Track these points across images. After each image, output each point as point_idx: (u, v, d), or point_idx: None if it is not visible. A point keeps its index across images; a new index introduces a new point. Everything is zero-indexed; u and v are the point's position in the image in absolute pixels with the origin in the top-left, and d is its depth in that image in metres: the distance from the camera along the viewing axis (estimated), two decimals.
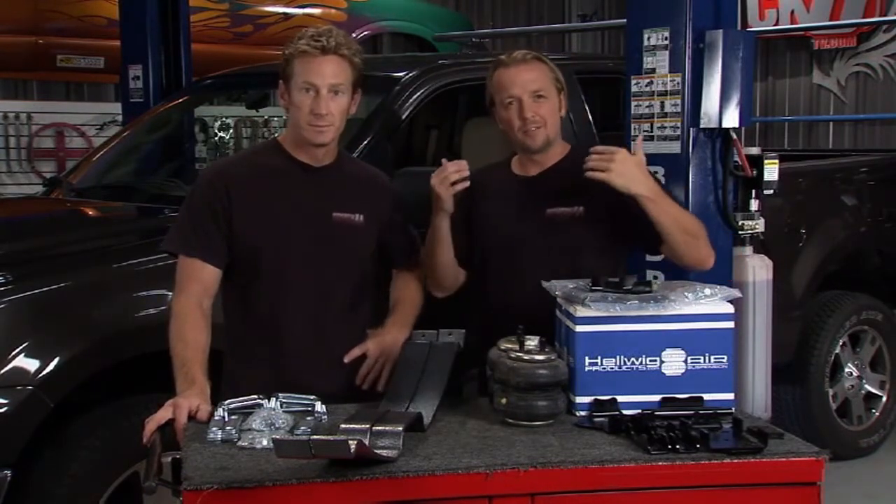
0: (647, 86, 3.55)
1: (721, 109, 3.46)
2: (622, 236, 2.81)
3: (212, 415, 2.30)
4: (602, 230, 2.78)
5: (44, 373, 2.94)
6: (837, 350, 4.93)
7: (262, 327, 2.63)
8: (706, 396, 2.38)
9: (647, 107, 3.56)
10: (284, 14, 8.00)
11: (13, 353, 2.95)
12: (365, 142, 3.71)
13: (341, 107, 2.60)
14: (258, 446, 2.17)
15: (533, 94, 2.80)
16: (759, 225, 3.72)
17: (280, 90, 2.65)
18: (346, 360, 2.65)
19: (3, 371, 2.92)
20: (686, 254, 2.73)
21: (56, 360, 2.98)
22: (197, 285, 2.56)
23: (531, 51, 2.91)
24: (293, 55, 2.57)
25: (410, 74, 3.99)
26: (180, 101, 5.12)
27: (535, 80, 2.81)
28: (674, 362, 2.37)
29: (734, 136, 3.56)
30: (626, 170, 2.62)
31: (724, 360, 2.38)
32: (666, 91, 3.51)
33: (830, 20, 8.56)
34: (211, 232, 2.59)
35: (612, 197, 2.72)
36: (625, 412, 2.33)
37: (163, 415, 2.31)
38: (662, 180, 3.50)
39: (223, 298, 2.66)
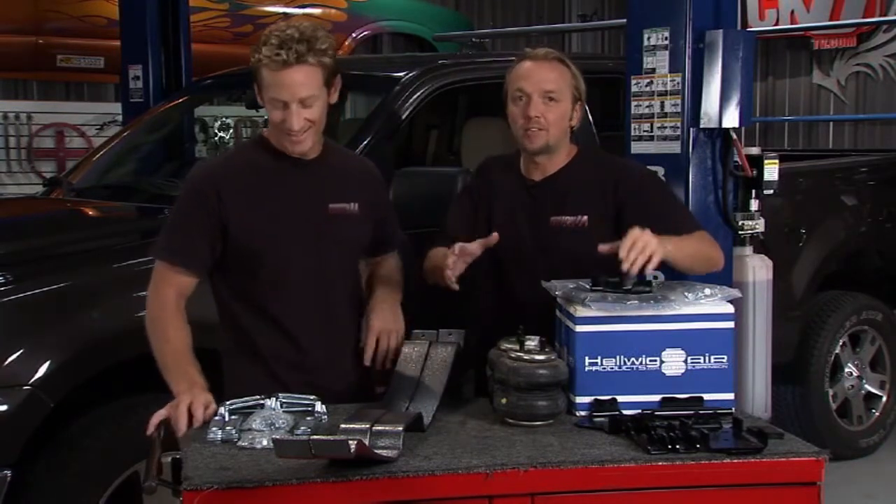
0: (647, 86, 3.55)
1: (721, 109, 3.46)
2: None
3: (215, 413, 2.31)
4: (605, 239, 2.75)
5: (44, 373, 2.94)
6: (837, 350, 4.93)
7: (265, 324, 2.61)
8: (706, 396, 2.38)
9: (647, 107, 3.56)
10: (284, 14, 8.00)
11: (13, 353, 2.95)
12: (365, 142, 3.71)
13: (315, 114, 2.52)
14: (258, 446, 2.17)
15: (544, 94, 2.73)
16: (759, 225, 3.72)
17: (257, 90, 2.58)
18: (366, 362, 2.63)
19: (2, 371, 2.92)
20: (698, 273, 2.70)
21: (56, 360, 2.98)
22: (173, 289, 2.54)
23: (559, 53, 2.82)
24: (257, 65, 2.49)
25: (410, 74, 3.99)
26: (180, 101, 5.12)
27: (551, 80, 2.74)
28: (674, 362, 2.37)
29: (734, 136, 3.56)
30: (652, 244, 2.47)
31: (724, 360, 2.39)
32: (666, 91, 3.51)
33: (830, 20, 8.55)
34: (191, 237, 2.55)
35: (614, 209, 2.72)
36: (625, 412, 2.34)
37: (182, 410, 2.31)
38: (663, 181, 3.50)
39: (218, 296, 2.64)
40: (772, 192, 3.72)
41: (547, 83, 2.74)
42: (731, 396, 2.40)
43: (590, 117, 4.18)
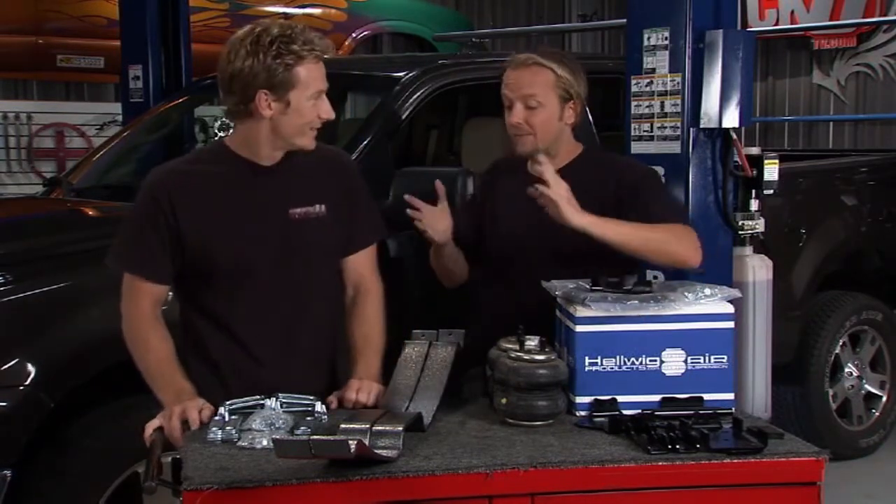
0: (647, 86, 3.55)
1: (721, 109, 3.46)
2: None
3: (214, 413, 2.31)
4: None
5: (43, 373, 2.94)
6: (837, 350, 4.93)
7: (226, 334, 2.53)
8: (706, 396, 2.38)
9: (647, 107, 3.56)
10: (284, 14, 8.00)
11: (13, 353, 2.95)
12: (365, 142, 3.71)
13: None
14: (258, 446, 2.17)
15: (525, 100, 2.75)
16: (759, 225, 3.72)
17: (265, 100, 2.43)
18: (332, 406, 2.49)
19: (3, 371, 2.92)
20: (657, 262, 2.68)
21: (56, 360, 2.98)
22: (146, 298, 2.50)
23: (544, 53, 2.81)
24: (295, 63, 2.42)
25: (410, 74, 3.99)
26: (180, 101, 5.12)
27: (529, 85, 2.76)
28: (674, 362, 2.37)
29: (734, 136, 3.56)
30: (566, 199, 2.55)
31: (724, 360, 2.38)
32: (666, 91, 3.51)
33: (830, 20, 8.55)
34: (153, 248, 2.48)
35: (614, 206, 2.73)
36: (625, 412, 2.33)
37: (175, 423, 2.31)
38: (662, 180, 3.50)
39: (180, 302, 2.59)
40: (772, 192, 3.72)
41: (525, 88, 2.76)
42: (731, 396, 2.40)
43: (590, 117, 4.19)
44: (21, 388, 2.92)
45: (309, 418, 2.31)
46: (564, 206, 2.54)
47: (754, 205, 3.69)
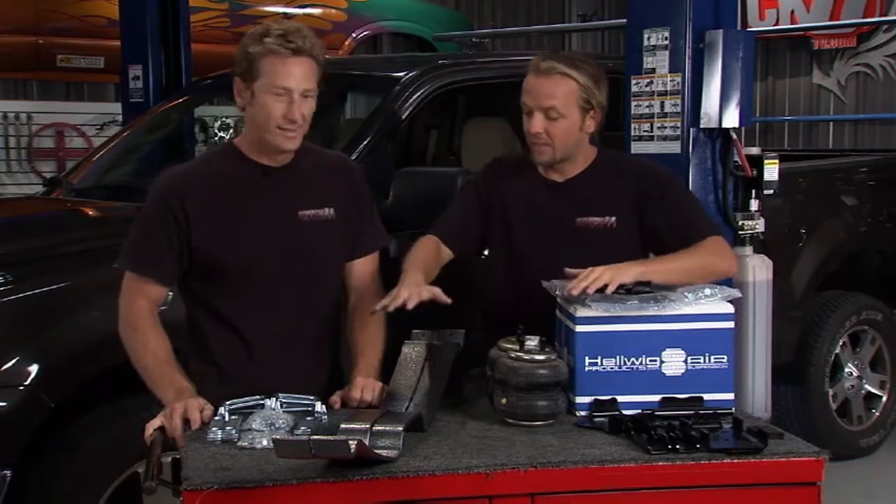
0: (647, 86, 3.56)
1: (721, 109, 3.46)
2: (650, 247, 2.76)
3: (214, 413, 2.31)
4: (633, 241, 2.74)
5: (44, 373, 2.94)
6: (837, 350, 4.93)
7: (231, 334, 2.54)
8: (706, 396, 2.38)
9: (647, 107, 3.56)
10: (284, 14, 8.00)
11: (13, 353, 2.95)
12: (365, 142, 3.72)
13: (310, 110, 2.49)
14: (258, 446, 2.17)
15: (546, 111, 2.69)
16: (759, 225, 3.73)
17: (238, 88, 2.49)
18: (335, 406, 2.49)
19: (3, 371, 2.92)
20: (706, 281, 2.65)
21: (56, 360, 2.98)
22: (146, 300, 2.51)
23: (565, 59, 2.72)
24: (260, 54, 2.43)
25: (410, 74, 3.99)
26: (180, 101, 5.12)
27: (550, 96, 2.68)
28: (674, 362, 2.37)
29: (734, 136, 3.57)
30: (610, 272, 2.46)
31: (724, 360, 2.39)
32: (666, 91, 3.52)
33: (830, 20, 8.56)
34: (162, 250, 2.49)
35: (637, 210, 2.72)
36: (625, 412, 2.33)
37: (176, 421, 2.30)
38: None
39: (186, 302, 2.59)
40: (772, 192, 3.72)
41: (546, 100, 2.68)
42: (731, 396, 2.40)
43: None
44: (21, 387, 2.92)
45: (309, 418, 2.31)
46: (612, 278, 2.44)
47: (754, 205, 3.69)
